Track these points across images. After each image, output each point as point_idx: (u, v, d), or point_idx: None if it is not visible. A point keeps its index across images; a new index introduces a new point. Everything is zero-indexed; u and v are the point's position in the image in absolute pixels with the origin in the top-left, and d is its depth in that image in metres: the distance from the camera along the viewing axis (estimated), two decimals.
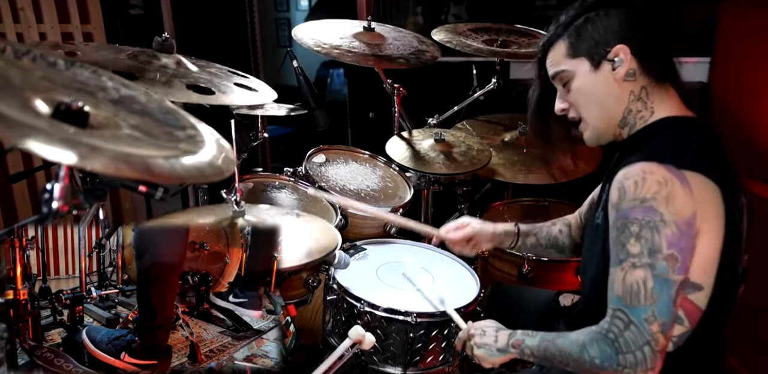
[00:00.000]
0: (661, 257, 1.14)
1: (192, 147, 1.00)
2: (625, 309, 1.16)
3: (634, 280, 1.15)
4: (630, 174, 1.20)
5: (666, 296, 1.14)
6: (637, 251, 1.15)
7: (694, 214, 1.15)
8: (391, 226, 2.24)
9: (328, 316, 1.81)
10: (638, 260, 1.15)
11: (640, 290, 1.14)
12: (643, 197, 1.16)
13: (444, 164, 2.33)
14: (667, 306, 1.14)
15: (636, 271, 1.15)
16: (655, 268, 1.14)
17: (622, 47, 1.30)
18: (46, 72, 1.02)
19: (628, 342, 1.15)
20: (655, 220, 1.14)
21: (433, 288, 1.80)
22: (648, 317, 1.14)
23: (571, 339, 1.25)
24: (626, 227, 1.17)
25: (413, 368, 1.69)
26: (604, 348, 1.17)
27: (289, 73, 2.36)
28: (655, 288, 1.14)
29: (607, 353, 1.17)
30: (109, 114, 0.99)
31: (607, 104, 1.35)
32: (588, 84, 1.35)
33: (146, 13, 3.99)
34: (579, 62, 1.35)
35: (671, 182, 1.16)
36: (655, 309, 1.14)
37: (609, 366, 1.17)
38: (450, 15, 3.98)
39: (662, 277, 1.14)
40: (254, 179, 2.30)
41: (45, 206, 0.89)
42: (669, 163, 1.17)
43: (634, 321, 1.14)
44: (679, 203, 1.15)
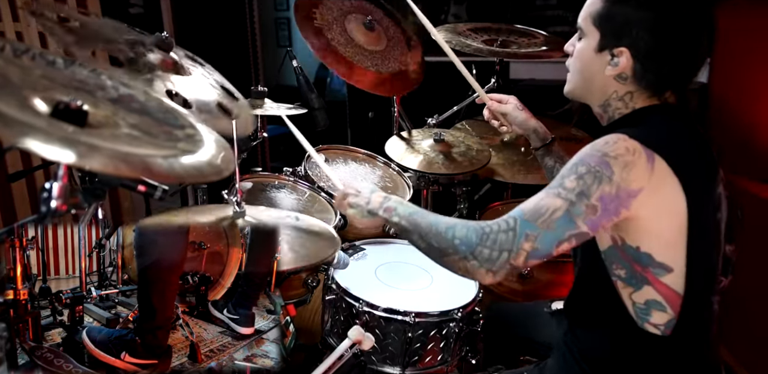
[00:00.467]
0: (584, 203, 1.15)
1: (191, 146, 1.00)
2: (519, 218, 1.17)
3: (549, 205, 1.16)
4: (605, 137, 1.22)
5: (560, 232, 1.15)
6: (570, 187, 1.17)
7: (640, 189, 1.17)
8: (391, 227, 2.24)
9: (327, 316, 1.81)
10: (565, 193, 1.17)
11: (546, 214, 1.16)
12: (606, 153, 1.18)
13: (443, 164, 2.33)
14: (552, 240, 1.16)
15: (556, 200, 1.17)
16: (573, 206, 1.15)
17: (626, 52, 1.28)
18: (45, 71, 1.02)
19: (497, 241, 1.15)
20: (603, 173, 1.16)
21: (431, 288, 1.80)
22: (530, 234, 1.15)
23: (446, 220, 1.25)
24: (576, 166, 1.19)
25: (412, 368, 1.69)
26: (470, 235, 1.18)
27: (288, 72, 2.36)
28: (558, 220, 1.15)
29: (470, 239, 1.17)
30: (108, 113, 0.99)
31: (589, 83, 1.38)
32: (585, 57, 1.36)
33: (146, 12, 3.99)
34: (593, 33, 1.33)
35: (638, 153, 1.18)
36: (542, 234, 1.15)
37: (463, 250, 1.17)
38: (450, 15, 3.98)
39: (571, 217, 1.15)
40: (254, 178, 2.30)
41: (44, 205, 0.88)
42: (642, 141, 1.19)
43: (516, 230, 1.15)
44: (634, 173, 1.16)
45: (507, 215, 1.20)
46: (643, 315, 1.27)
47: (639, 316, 1.28)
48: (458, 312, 1.67)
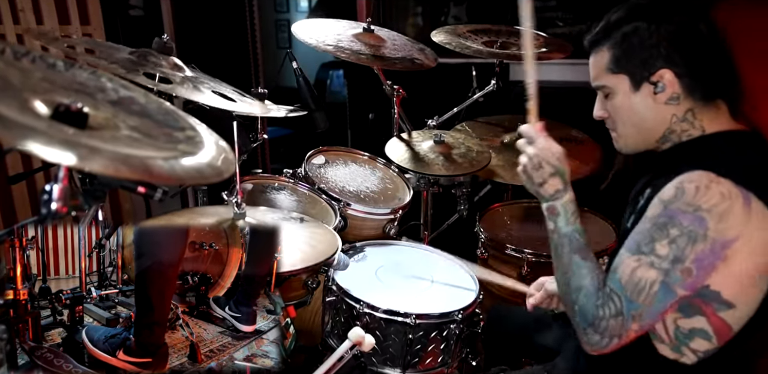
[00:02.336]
0: (679, 268, 1.13)
1: (191, 148, 1.00)
2: (623, 297, 1.16)
3: (645, 278, 1.14)
4: (694, 178, 1.15)
5: (662, 304, 1.15)
6: (664, 254, 1.13)
7: (737, 237, 1.12)
8: (391, 227, 2.24)
9: (328, 317, 1.81)
10: (659, 262, 1.14)
11: (645, 289, 1.14)
12: (699, 206, 1.12)
13: (443, 165, 2.33)
14: (656, 312, 1.16)
15: (651, 271, 1.14)
16: (669, 276, 1.13)
17: (666, 72, 1.24)
18: (45, 73, 1.02)
19: (608, 327, 1.16)
20: (698, 232, 1.12)
21: (431, 290, 1.80)
22: (636, 315, 1.15)
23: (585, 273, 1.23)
24: (666, 226, 1.14)
25: (412, 369, 1.69)
26: (589, 312, 1.19)
27: (288, 74, 2.36)
28: (658, 293, 1.14)
29: (585, 315, 1.19)
30: (108, 115, 0.99)
31: (646, 125, 1.31)
32: (627, 104, 1.30)
33: (146, 15, 4.00)
34: (620, 79, 1.29)
35: (735, 198, 1.12)
36: (647, 310, 1.15)
37: (578, 320, 1.20)
38: (450, 16, 3.98)
39: (670, 286, 1.13)
40: (254, 180, 2.30)
41: (44, 207, 0.89)
42: (736, 179, 1.13)
43: (623, 314, 1.15)
44: (731, 221, 1.11)
45: (610, 290, 1.18)
46: (683, 338, 1.23)
47: (678, 339, 1.23)
48: (459, 314, 1.67)
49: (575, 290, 1.22)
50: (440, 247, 2.09)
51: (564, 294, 1.25)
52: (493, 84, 2.62)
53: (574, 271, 1.23)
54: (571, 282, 1.23)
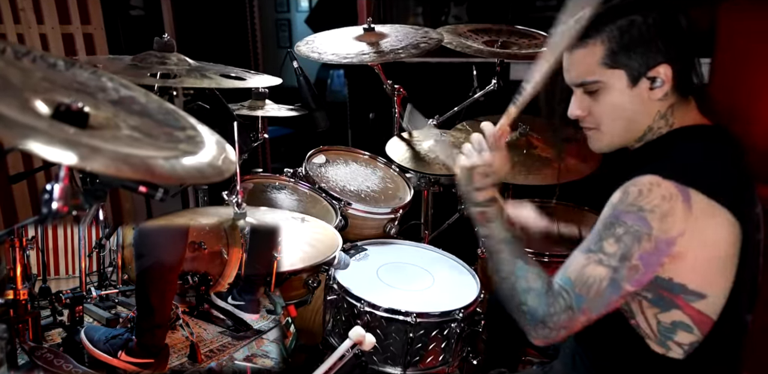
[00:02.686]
0: (627, 266, 1.15)
1: (192, 148, 1.00)
2: (572, 293, 1.18)
3: (595, 274, 1.17)
4: (637, 183, 1.18)
5: (608, 298, 1.17)
6: (611, 252, 1.16)
7: (681, 233, 1.15)
8: (392, 227, 2.24)
9: (329, 316, 1.81)
10: (607, 259, 1.16)
11: (594, 285, 1.16)
12: (641, 207, 1.15)
13: (444, 165, 2.33)
14: (603, 305, 1.18)
15: (599, 268, 1.16)
16: (617, 272, 1.15)
17: (665, 67, 1.23)
18: (45, 73, 1.02)
19: (559, 321, 1.18)
20: (641, 231, 1.14)
21: (432, 289, 1.80)
22: (586, 308, 1.17)
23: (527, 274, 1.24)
24: (613, 225, 1.18)
25: (413, 368, 1.69)
26: (539, 309, 1.19)
27: (289, 74, 2.36)
28: (606, 289, 1.16)
29: (536, 313, 1.20)
30: (109, 115, 0.99)
31: (635, 121, 1.30)
32: (621, 100, 1.27)
33: (147, 14, 4.00)
34: (615, 75, 1.25)
35: (675, 198, 1.14)
36: (595, 304, 1.17)
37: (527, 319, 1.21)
38: (450, 16, 3.98)
39: (617, 283, 1.16)
40: (254, 179, 2.30)
41: (45, 206, 0.89)
42: (677, 179, 1.15)
43: (574, 308, 1.17)
44: (672, 221, 1.14)
45: (559, 287, 1.20)
46: (666, 333, 1.24)
47: (661, 334, 1.24)
48: (460, 313, 1.67)
49: (523, 292, 1.22)
50: (441, 246, 2.09)
51: (509, 297, 1.25)
52: (494, 83, 2.62)
53: (520, 275, 1.24)
54: (518, 285, 1.24)
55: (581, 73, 1.29)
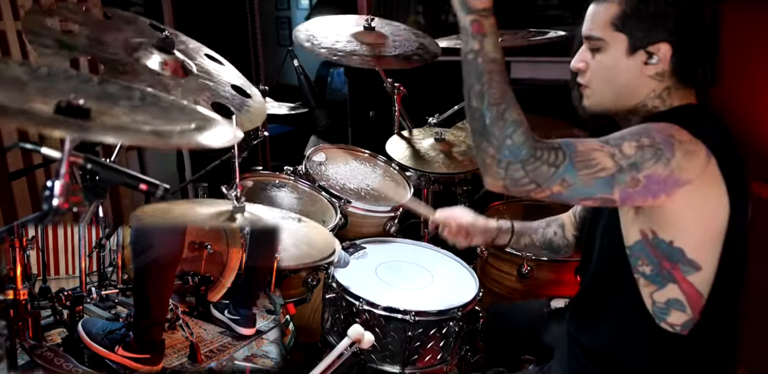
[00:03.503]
0: (632, 175, 1.13)
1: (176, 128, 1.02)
2: (568, 158, 1.13)
3: (600, 162, 1.13)
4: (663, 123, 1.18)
5: (593, 190, 1.14)
6: (628, 153, 1.14)
7: (690, 181, 1.15)
8: (391, 225, 2.24)
9: (327, 314, 1.82)
10: (620, 158, 1.14)
11: (593, 168, 1.13)
12: (672, 134, 1.15)
13: (444, 163, 2.33)
14: (581, 194, 1.15)
15: (609, 160, 1.13)
16: (620, 173, 1.13)
17: (665, 46, 1.24)
18: (73, 85, 1.05)
19: (537, 170, 1.12)
20: (664, 153, 1.13)
21: (431, 287, 1.80)
22: (567, 180, 1.13)
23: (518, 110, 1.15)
24: (641, 134, 1.15)
25: (411, 366, 1.69)
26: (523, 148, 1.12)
27: (289, 72, 2.36)
28: (597, 180, 1.13)
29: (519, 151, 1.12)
30: (118, 112, 1.00)
31: (622, 91, 1.31)
32: (615, 65, 1.29)
33: (146, 11, 3.99)
34: (618, 38, 1.27)
35: (701, 146, 1.15)
36: (578, 185, 1.13)
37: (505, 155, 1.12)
38: (451, 15, 3.98)
39: (612, 182, 1.13)
40: (254, 177, 2.30)
41: (46, 203, 0.89)
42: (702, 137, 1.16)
43: (559, 170, 1.12)
44: (692, 163, 1.14)
45: (559, 144, 1.14)
46: (661, 314, 1.25)
47: (656, 315, 1.26)
48: (458, 311, 1.67)
49: (513, 123, 1.12)
50: (440, 245, 2.09)
51: (491, 127, 1.13)
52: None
53: (511, 104, 1.14)
54: (507, 114, 1.13)
55: (592, 26, 1.31)
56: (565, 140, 1.16)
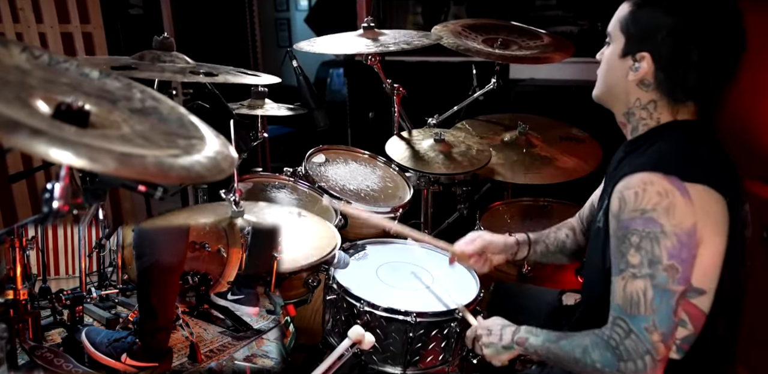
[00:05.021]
0: (661, 268, 1.14)
1: (179, 152, 1.00)
2: (626, 317, 1.16)
3: (635, 290, 1.16)
4: (631, 184, 1.20)
5: (666, 306, 1.15)
6: (637, 262, 1.16)
7: (694, 225, 1.15)
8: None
9: (328, 316, 1.81)
10: (638, 270, 1.16)
11: (640, 300, 1.15)
12: (644, 208, 1.16)
13: (443, 164, 2.33)
14: (667, 316, 1.15)
15: (636, 281, 1.16)
16: (655, 278, 1.14)
17: (647, 57, 1.28)
18: (72, 79, 1.04)
19: (629, 350, 1.15)
20: (655, 231, 1.15)
21: (439, 285, 1.80)
22: (648, 326, 1.14)
23: (574, 342, 1.26)
24: (626, 237, 1.18)
25: (413, 368, 1.69)
26: (605, 354, 1.18)
27: (288, 73, 2.36)
28: (655, 299, 1.14)
29: (608, 358, 1.18)
30: (118, 119, 1.00)
31: (612, 90, 1.38)
32: (610, 63, 1.37)
33: (146, 13, 4.00)
34: (619, 38, 1.34)
35: (671, 193, 1.16)
36: (656, 318, 1.14)
37: (609, 370, 1.18)
38: (450, 15, 3.99)
39: (662, 287, 1.14)
40: (254, 178, 2.30)
41: (46, 205, 0.89)
42: (670, 174, 1.17)
43: (634, 330, 1.15)
44: (679, 214, 1.14)
45: (611, 318, 1.20)
46: None
47: None
48: (459, 312, 1.67)
49: (584, 355, 1.22)
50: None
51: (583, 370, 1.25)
52: (493, 82, 2.62)
53: (569, 347, 1.27)
54: (576, 355, 1.24)
55: (613, 21, 1.36)
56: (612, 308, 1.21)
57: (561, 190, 2.58)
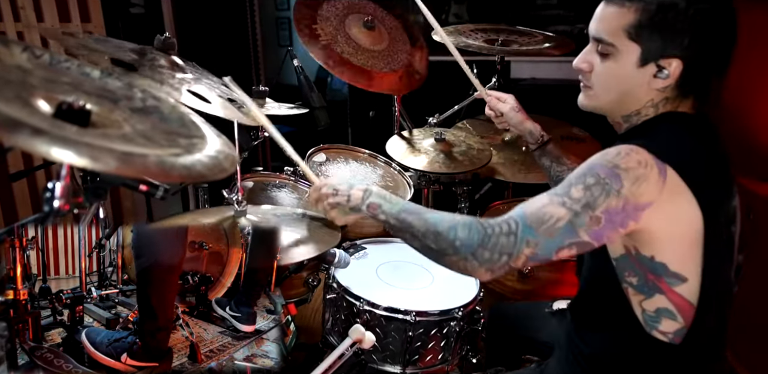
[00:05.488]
0: (589, 214, 1.13)
1: (179, 151, 1.00)
2: (521, 223, 1.15)
3: (553, 213, 1.14)
4: (617, 148, 1.19)
5: (561, 240, 1.14)
6: (576, 197, 1.14)
7: (650, 202, 1.15)
8: None
9: (328, 315, 1.82)
10: (571, 203, 1.14)
11: (549, 222, 1.14)
12: (617, 164, 1.15)
13: (444, 163, 2.33)
14: (552, 247, 1.15)
15: (560, 208, 1.15)
16: (577, 217, 1.14)
17: (677, 62, 1.22)
18: (74, 79, 1.04)
19: (497, 244, 1.14)
20: (612, 185, 1.14)
21: (432, 288, 1.80)
22: (531, 241, 1.14)
23: (445, 217, 1.22)
24: (585, 175, 1.17)
25: (412, 367, 1.69)
26: (473, 236, 1.16)
27: (289, 72, 2.36)
28: (560, 229, 1.14)
29: (472, 240, 1.16)
30: (119, 118, 1.00)
31: (626, 99, 1.31)
32: (623, 74, 1.27)
33: (147, 12, 3.99)
34: (631, 47, 1.24)
35: (650, 166, 1.15)
36: (543, 241, 1.14)
37: (464, 251, 1.16)
38: (451, 14, 3.98)
39: (574, 227, 1.14)
40: (255, 178, 2.30)
41: (46, 204, 0.89)
42: (655, 153, 1.16)
43: (517, 235, 1.14)
44: (644, 187, 1.14)
45: (509, 216, 1.18)
46: (652, 322, 1.25)
47: (647, 323, 1.25)
48: (459, 311, 1.67)
49: (449, 229, 1.19)
50: None
51: (437, 248, 1.20)
52: (494, 82, 2.62)
53: (437, 220, 1.22)
54: (440, 228, 1.20)
55: (603, 30, 1.28)
56: (516, 210, 1.19)
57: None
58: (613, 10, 1.26)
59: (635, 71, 1.26)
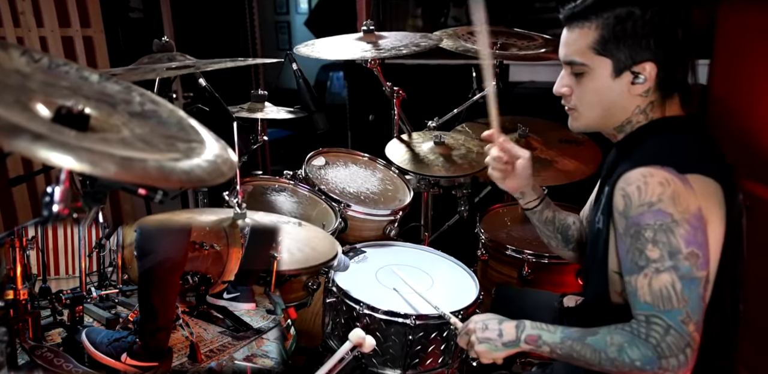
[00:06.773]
0: (682, 258, 1.14)
1: (179, 156, 1.00)
2: (660, 314, 1.14)
3: (662, 285, 1.14)
4: (631, 180, 1.20)
5: (695, 294, 1.14)
6: (657, 256, 1.15)
7: (699, 208, 1.16)
8: (391, 229, 2.24)
9: (328, 319, 1.81)
10: (660, 264, 1.15)
11: (671, 294, 1.14)
12: (650, 201, 1.16)
13: (443, 166, 2.34)
14: (698, 304, 1.14)
15: (661, 276, 1.14)
16: (679, 270, 1.14)
17: (650, 65, 1.26)
18: (72, 83, 1.04)
19: (671, 346, 1.13)
20: (666, 222, 1.15)
21: (432, 291, 1.80)
22: (684, 318, 1.13)
23: (606, 340, 1.20)
24: (640, 234, 1.17)
25: (413, 370, 1.69)
26: (645, 352, 1.15)
27: (288, 76, 2.36)
28: (684, 290, 1.13)
29: (649, 357, 1.14)
30: (118, 122, 1.00)
31: (612, 111, 1.34)
32: (601, 88, 1.31)
33: (146, 17, 4.00)
34: (602, 62, 1.29)
35: (672, 181, 1.16)
36: (689, 309, 1.13)
37: (651, 368, 1.14)
38: (450, 17, 3.99)
39: (688, 277, 1.14)
40: (254, 182, 2.30)
41: (46, 209, 0.89)
42: (667, 165, 1.18)
43: (672, 326, 1.13)
44: (684, 200, 1.15)
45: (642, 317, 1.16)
46: None
47: None
48: (459, 315, 1.67)
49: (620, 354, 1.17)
50: (440, 248, 2.09)
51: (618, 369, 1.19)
52: (493, 85, 2.62)
53: (601, 345, 1.20)
54: (610, 354, 1.19)
55: (571, 52, 1.33)
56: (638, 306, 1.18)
57: (561, 192, 2.58)
58: (575, 32, 1.31)
59: (612, 83, 1.30)
